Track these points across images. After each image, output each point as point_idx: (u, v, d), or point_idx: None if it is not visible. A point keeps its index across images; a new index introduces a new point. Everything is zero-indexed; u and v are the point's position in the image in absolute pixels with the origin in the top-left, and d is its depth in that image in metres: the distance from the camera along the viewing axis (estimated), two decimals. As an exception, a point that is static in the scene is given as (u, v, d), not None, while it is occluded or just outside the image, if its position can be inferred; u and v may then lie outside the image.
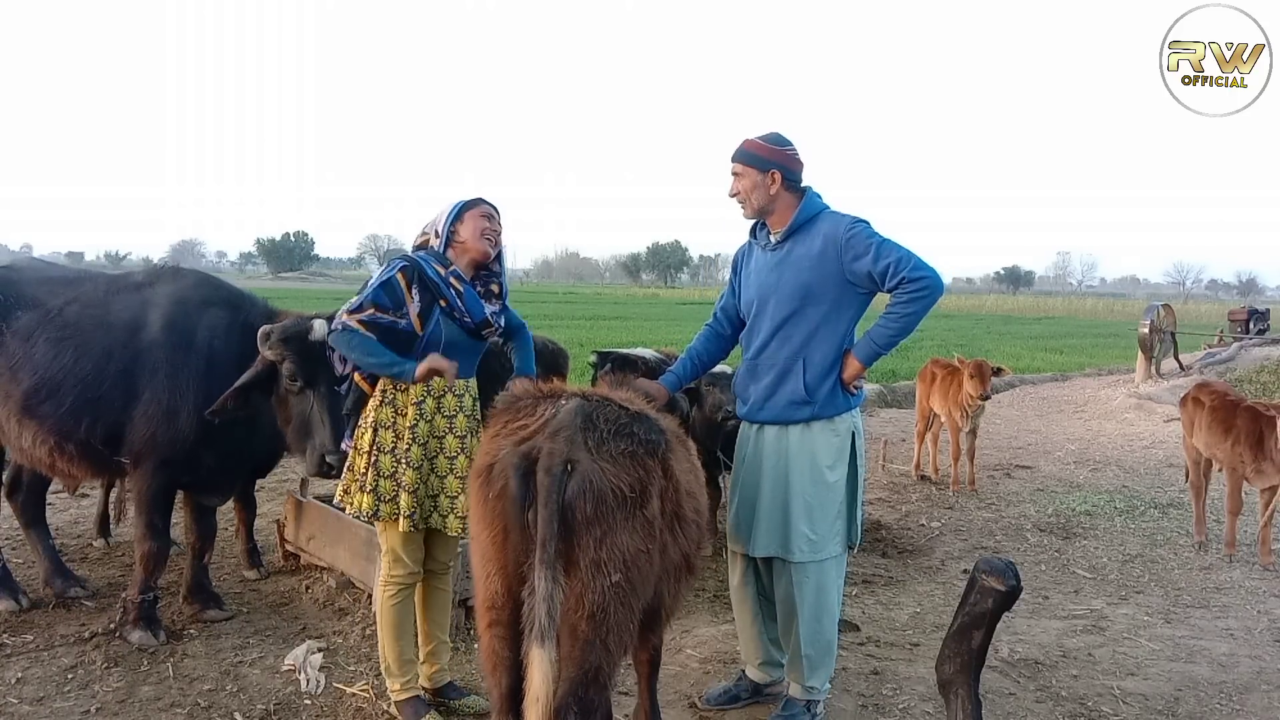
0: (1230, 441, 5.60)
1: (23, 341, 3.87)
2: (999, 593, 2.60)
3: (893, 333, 3.12)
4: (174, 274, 4.28)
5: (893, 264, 3.03)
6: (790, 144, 3.24)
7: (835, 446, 3.22)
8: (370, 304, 3.02)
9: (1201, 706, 3.65)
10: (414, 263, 3.08)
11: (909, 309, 3.07)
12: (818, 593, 3.23)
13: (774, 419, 3.25)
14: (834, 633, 3.32)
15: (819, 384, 3.17)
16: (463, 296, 3.10)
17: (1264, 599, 4.94)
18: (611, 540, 2.30)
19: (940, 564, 5.43)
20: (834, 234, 3.12)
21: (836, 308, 3.16)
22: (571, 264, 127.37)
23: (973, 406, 7.19)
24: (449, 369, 2.97)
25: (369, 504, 3.07)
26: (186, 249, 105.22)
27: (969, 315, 43.67)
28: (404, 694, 3.24)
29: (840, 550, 3.28)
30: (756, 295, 3.31)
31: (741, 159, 3.23)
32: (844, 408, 3.23)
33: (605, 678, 2.37)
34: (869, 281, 3.11)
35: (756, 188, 3.20)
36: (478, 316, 3.14)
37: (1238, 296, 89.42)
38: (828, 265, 3.12)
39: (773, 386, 3.23)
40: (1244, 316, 21.36)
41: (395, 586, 3.18)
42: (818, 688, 3.30)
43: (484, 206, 3.21)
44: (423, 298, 3.06)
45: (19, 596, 4.19)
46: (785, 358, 3.21)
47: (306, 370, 3.53)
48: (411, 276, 3.06)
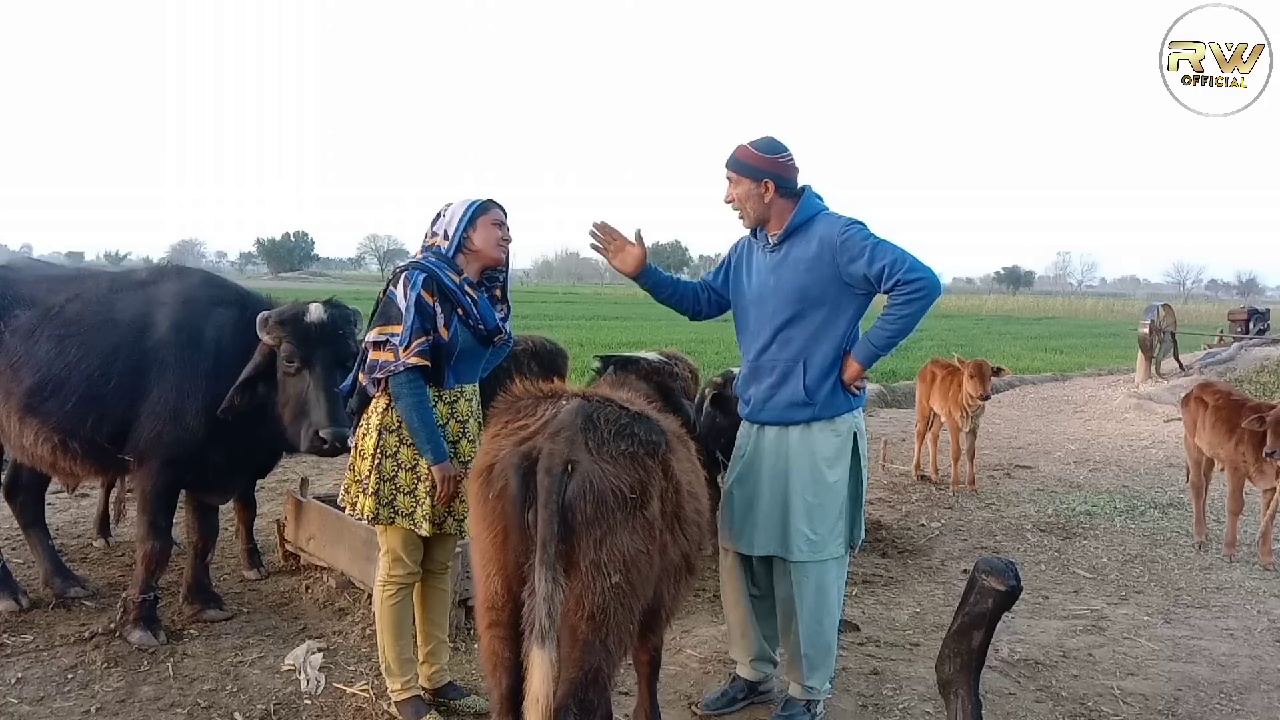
0: (1234, 441, 5.60)
1: (23, 340, 3.86)
2: (999, 593, 2.60)
3: (890, 334, 3.12)
4: (178, 273, 4.29)
5: (888, 265, 3.03)
6: (784, 150, 3.22)
7: (835, 446, 3.22)
8: (420, 333, 2.99)
9: (1201, 706, 3.66)
10: (431, 273, 3.06)
11: (906, 310, 3.07)
12: (818, 593, 3.23)
13: (774, 420, 3.26)
14: (834, 633, 3.32)
15: (819, 385, 3.18)
16: (477, 304, 3.11)
17: (1264, 599, 4.94)
18: (612, 541, 2.30)
19: (940, 564, 5.43)
20: (829, 236, 3.13)
21: (835, 309, 3.17)
22: (571, 264, 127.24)
23: (973, 407, 7.19)
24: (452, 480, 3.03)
25: (370, 507, 3.08)
26: (186, 249, 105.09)
27: (969, 315, 43.67)
28: (404, 694, 3.24)
29: (841, 551, 3.28)
30: (756, 297, 3.31)
31: (734, 167, 3.23)
32: (844, 408, 3.23)
33: (605, 678, 2.37)
34: (865, 283, 3.12)
35: (750, 196, 3.21)
36: (490, 324, 3.15)
37: (1238, 296, 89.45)
38: (824, 267, 3.13)
39: (774, 388, 3.24)
40: (1244, 316, 21.36)
41: (394, 586, 3.18)
42: (817, 688, 3.30)
43: (496, 212, 3.20)
44: (444, 307, 3.06)
45: (19, 596, 4.19)
46: (786, 360, 3.21)
47: (304, 350, 3.59)
48: (433, 289, 3.04)
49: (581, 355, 13.61)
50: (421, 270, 3.06)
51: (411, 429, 3.03)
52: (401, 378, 3.00)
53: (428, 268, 3.07)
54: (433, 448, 3.01)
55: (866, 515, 6.14)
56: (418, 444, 3.03)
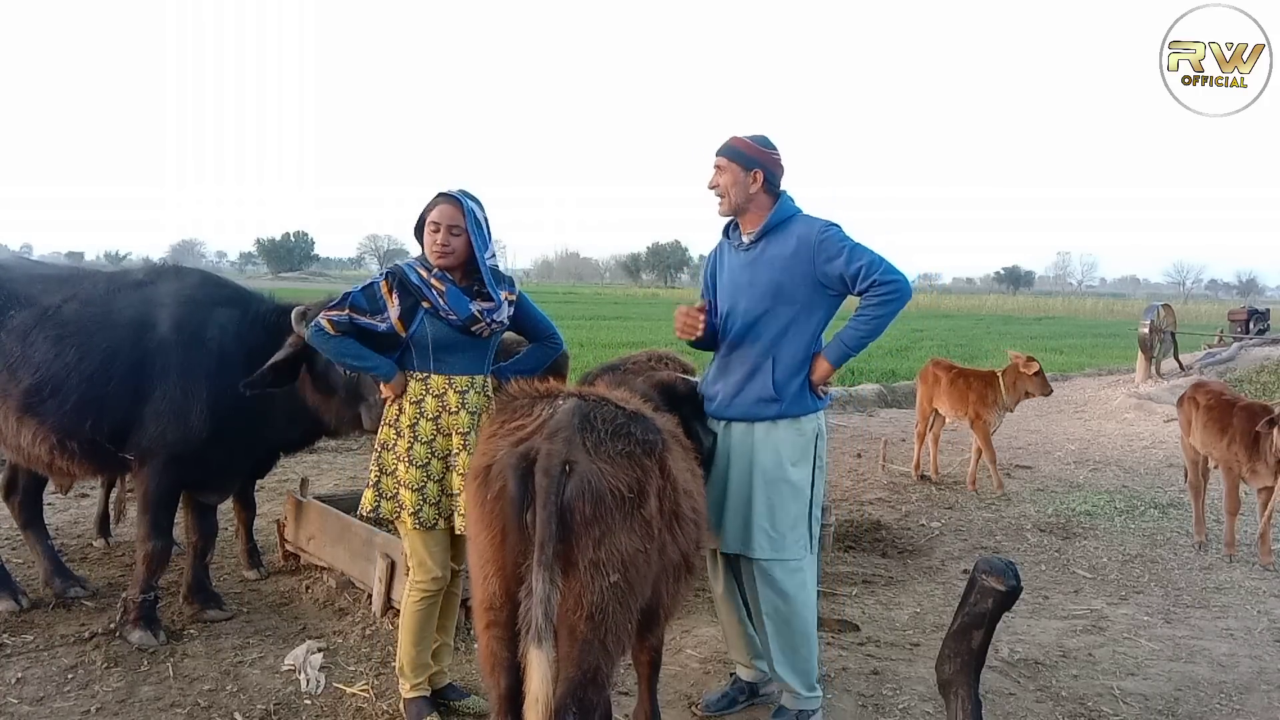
0: (1226, 441, 5.60)
1: (19, 340, 3.85)
2: (999, 593, 2.61)
3: (862, 334, 3.17)
4: (177, 273, 4.28)
5: (864, 267, 3.09)
6: (775, 148, 3.29)
7: (800, 446, 3.24)
8: (349, 305, 3.11)
9: (1201, 706, 3.66)
10: (397, 270, 3.15)
11: (879, 312, 3.12)
12: (781, 595, 3.22)
13: (741, 416, 3.27)
14: (806, 636, 3.27)
15: (787, 382, 3.20)
16: (444, 295, 3.10)
17: (1264, 599, 4.94)
18: (610, 541, 2.30)
19: (940, 564, 5.43)
20: (807, 236, 3.18)
21: (807, 308, 3.20)
22: (571, 264, 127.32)
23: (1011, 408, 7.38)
24: (387, 391, 3.18)
25: (371, 500, 3.11)
26: (186, 249, 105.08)
27: (969, 315, 43.67)
28: (412, 694, 3.25)
29: (803, 553, 3.26)
30: (729, 294, 3.34)
31: (727, 154, 3.27)
32: (810, 408, 3.25)
33: (604, 678, 2.37)
34: (840, 284, 3.16)
35: (737, 184, 3.24)
36: (463, 314, 3.11)
37: (1238, 296, 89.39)
38: (800, 266, 3.17)
39: (741, 383, 3.25)
40: (1244, 316, 21.37)
41: (420, 592, 3.17)
42: (804, 695, 3.28)
43: (436, 212, 3.12)
44: (404, 301, 3.09)
45: (19, 596, 4.19)
46: (755, 355, 3.23)
47: None
48: (394, 283, 3.11)
49: (581, 355, 13.65)
50: (391, 268, 3.19)
51: (350, 367, 3.29)
52: (310, 331, 3.20)
53: (398, 266, 3.18)
54: (374, 366, 3.14)
55: (867, 515, 6.23)
56: (365, 371, 3.23)
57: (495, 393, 3.19)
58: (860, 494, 7.18)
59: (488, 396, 3.24)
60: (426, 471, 3.09)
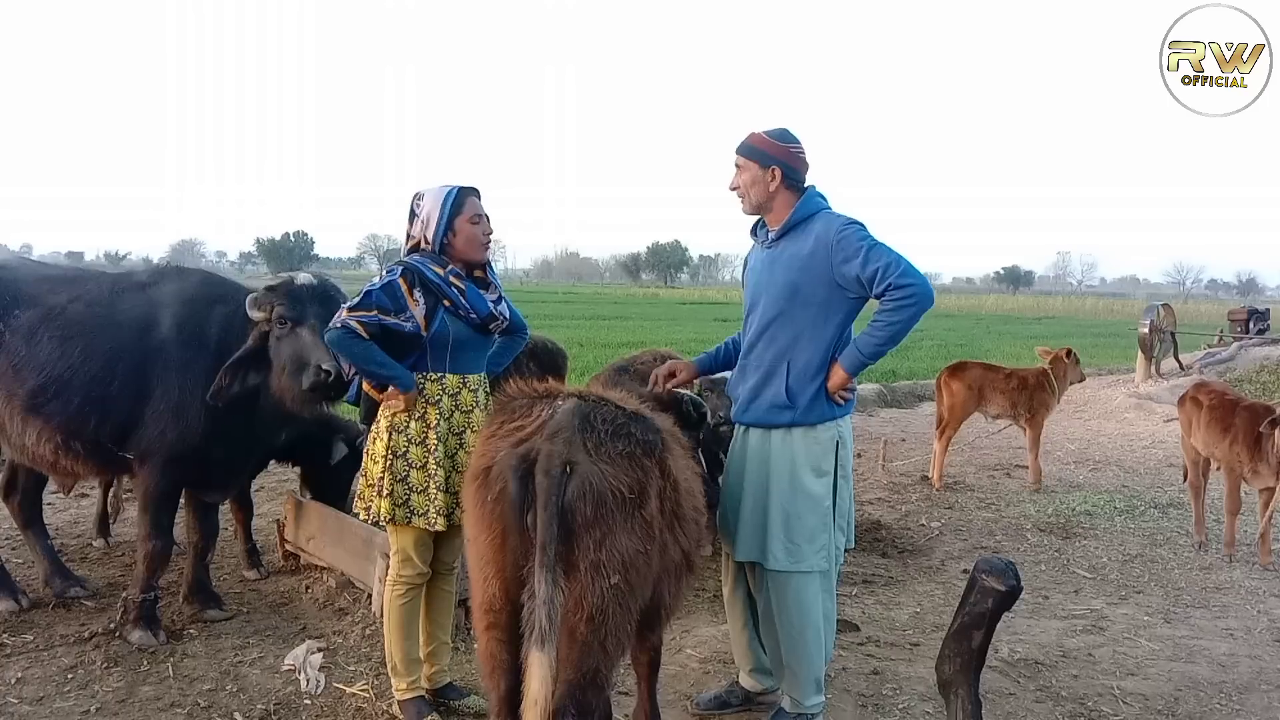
0: (1228, 441, 5.60)
1: (24, 340, 3.86)
2: (999, 593, 2.61)
3: (879, 341, 3.01)
4: (178, 273, 4.29)
5: (881, 269, 2.93)
6: (796, 141, 3.17)
7: (816, 455, 3.11)
8: (374, 304, 3.00)
9: (1201, 706, 3.65)
10: (412, 267, 3.08)
11: (896, 317, 2.96)
12: (797, 605, 3.12)
13: (757, 421, 3.18)
14: (818, 647, 3.19)
15: (802, 389, 3.08)
16: (465, 294, 3.10)
17: (1264, 599, 4.94)
18: (611, 542, 2.30)
19: (940, 564, 5.43)
20: (825, 234, 3.05)
21: (824, 311, 3.08)
22: (571, 264, 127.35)
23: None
24: (400, 402, 3.06)
25: (386, 509, 3.08)
26: (186, 249, 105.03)
27: (969, 315, 43.64)
28: (408, 694, 3.24)
29: (823, 565, 3.14)
30: (751, 294, 3.27)
31: (744, 152, 3.18)
32: (827, 416, 3.12)
33: (603, 679, 2.37)
34: (858, 285, 3.01)
35: (756, 183, 3.15)
36: (483, 312, 3.13)
37: (1238, 296, 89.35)
38: (817, 266, 3.04)
39: (757, 388, 3.17)
40: (1244, 316, 21.30)
41: (404, 586, 3.18)
42: (804, 702, 3.21)
43: (472, 203, 3.16)
44: (427, 300, 3.06)
45: (19, 596, 4.19)
46: (770, 359, 3.14)
47: (295, 311, 3.62)
48: (413, 281, 3.05)
49: (581, 355, 13.64)
50: (402, 265, 3.10)
51: (371, 374, 3.08)
52: (336, 333, 3.03)
53: (408, 263, 3.10)
54: (396, 375, 3.03)
55: (867, 515, 6.22)
56: (385, 380, 3.06)
57: (492, 392, 3.20)
58: (860, 494, 7.17)
59: (486, 394, 3.25)
60: (454, 463, 3.10)
